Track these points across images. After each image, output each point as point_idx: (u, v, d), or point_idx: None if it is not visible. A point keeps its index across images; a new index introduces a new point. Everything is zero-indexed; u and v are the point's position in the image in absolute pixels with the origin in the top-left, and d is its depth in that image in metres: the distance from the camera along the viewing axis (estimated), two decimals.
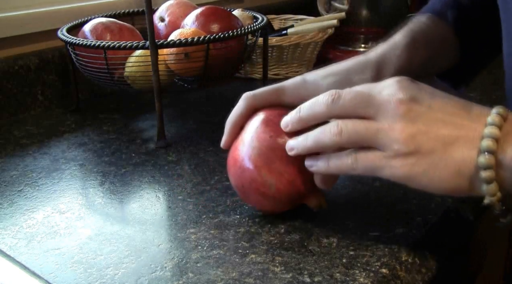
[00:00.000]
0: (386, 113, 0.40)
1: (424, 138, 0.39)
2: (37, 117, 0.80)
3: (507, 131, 0.37)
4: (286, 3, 1.25)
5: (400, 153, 0.39)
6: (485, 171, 0.37)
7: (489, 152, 0.37)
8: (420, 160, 0.39)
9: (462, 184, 0.38)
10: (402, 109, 0.39)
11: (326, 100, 0.42)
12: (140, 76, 0.70)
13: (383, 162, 0.40)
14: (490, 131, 0.37)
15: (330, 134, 0.41)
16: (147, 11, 0.63)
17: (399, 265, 0.43)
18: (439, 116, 0.39)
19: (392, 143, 0.39)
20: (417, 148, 0.39)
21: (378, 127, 0.40)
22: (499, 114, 0.38)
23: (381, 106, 0.40)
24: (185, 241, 0.47)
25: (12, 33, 0.82)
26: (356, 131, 0.40)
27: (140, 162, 0.63)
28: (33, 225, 0.51)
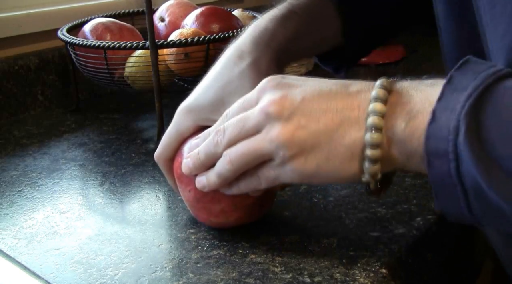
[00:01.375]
0: (263, 122, 0.39)
1: (304, 133, 0.37)
2: (37, 117, 0.80)
3: (394, 104, 0.35)
4: None
5: (287, 157, 0.38)
6: (370, 149, 0.35)
7: (375, 129, 0.35)
8: (309, 156, 0.37)
9: (359, 165, 0.37)
10: (274, 110, 0.38)
11: (214, 142, 0.42)
12: (140, 76, 0.70)
13: (278, 170, 0.39)
14: (374, 108, 0.35)
15: (225, 166, 0.41)
16: (147, 11, 0.63)
17: (399, 265, 0.43)
18: (315, 106, 0.38)
19: (276, 150, 0.38)
20: (300, 146, 0.37)
21: (258, 140, 0.39)
22: (383, 86, 0.36)
23: (256, 119, 0.39)
24: (185, 241, 0.47)
25: (12, 33, 0.82)
26: (243, 153, 0.40)
27: (140, 162, 0.63)
28: (33, 225, 0.51)
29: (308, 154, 0.37)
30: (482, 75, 0.33)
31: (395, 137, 0.35)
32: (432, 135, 0.33)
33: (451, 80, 0.34)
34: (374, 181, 0.37)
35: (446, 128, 0.32)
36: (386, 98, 0.36)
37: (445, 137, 0.32)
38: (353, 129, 0.36)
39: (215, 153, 0.42)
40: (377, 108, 0.35)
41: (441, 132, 0.33)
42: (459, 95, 0.33)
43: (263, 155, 0.39)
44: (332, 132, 0.37)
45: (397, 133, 0.35)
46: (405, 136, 0.35)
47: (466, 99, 0.32)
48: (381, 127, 0.35)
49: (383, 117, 0.35)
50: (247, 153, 0.40)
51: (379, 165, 0.36)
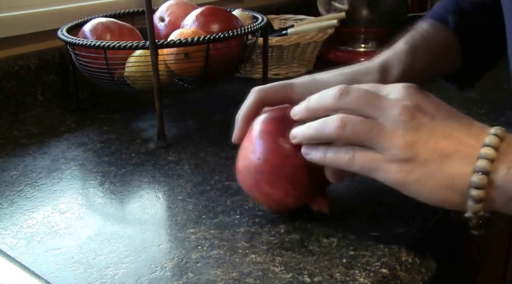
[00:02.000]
0: (390, 117, 0.40)
1: (422, 147, 0.39)
2: (37, 117, 0.80)
3: (502, 152, 0.37)
4: (286, 3, 1.25)
5: (397, 159, 0.39)
6: (476, 190, 0.37)
7: (482, 173, 0.37)
8: (416, 168, 0.39)
9: (452, 197, 0.39)
10: (406, 116, 0.40)
11: (334, 94, 0.42)
12: (140, 76, 0.70)
13: (380, 164, 0.40)
14: (486, 152, 0.37)
15: (333, 126, 0.41)
16: (147, 11, 0.63)
17: (399, 265, 0.43)
18: (441, 128, 0.40)
19: (391, 147, 0.39)
20: (414, 156, 0.39)
21: (380, 129, 0.40)
22: (497, 135, 0.38)
23: (386, 109, 0.40)
24: (185, 241, 0.47)
25: (12, 33, 0.82)
26: (359, 128, 0.41)
27: (140, 162, 0.63)
28: (33, 225, 0.51)
29: (416, 166, 0.39)
30: None
31: (496, 182, 0.37)
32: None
33: None
34: (476, 218, 0.39)
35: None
36: (498, 145, 0.38)
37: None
38: (463, 162, 0.38)
39: (328, 104, 0.42)
40: (488, 153, 0.37)
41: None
42: None
43: (377, 144, 0.40)
44: (444, 157, 0.39)
45: (498, 178, 0.37)
46: (506, 181, 0.37)
47: None
48: (488, 171, 0.37)
49: (492, 162, 0.37)
50: (365, 132, 0.40)
51: (482, 205, 0.38)
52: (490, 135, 0.38)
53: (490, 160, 0.37)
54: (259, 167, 0.46)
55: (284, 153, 0.45)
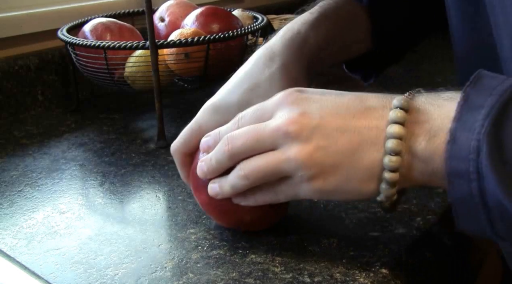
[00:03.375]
0: (280, 140, 0.38)
1: (323, 155, 0.37)
2: (37, 117, 0.80)
3: (411, 124, 0.35)
4: (286, 3, 1.25)
5: (306, 177, 0.38)
6: (390, 173, 0.36)
7: (394, 153, 0.35)
8: (328, 178, 0.37)
9: (377, 185, 0.37)
10: (293, 130, 0.38)
11: (224, 151, 0.41)
12: (140, 76, 0.70)
13: (296, 188, 0.39)
14: (393, 130, 0.35)
15: (240, 180, 0.41)
16: (147, 11, 0.63)
17: (399, 265, 0.43)
18: (334, 125, 0.37)
19: (295, 170, 0.38)
20: (319, 167, 0.37)
21: (276, 157, 0.39)
22: (401, 107, 0.36)
23: (273, 136, 0.39)
24: (185, 241, 0.47)
25: (12, 33, 0.82)
26: (259, 170, 0.39)
27: (140, 162, 0.63)
28: (33, 225, 0.51)
29: (327, 175, 0.37)
30: (497, 91, 0.33)
31: (415, 158, 0.35)
32: (452, 155, 0.33)
33: (467, 98, 0.34)
34: (389, 202, 0.38)
35: (467, 148, 0.32)
36: (404, 119, 0.35)
37: (465, 157, 0.32)
38: (372, 150, 0.36)
39: (227, 162, 0.42)
40: (396, 131, 0.35)
41: (461, 152, 0.33)
42: (476, 114, 0.33)
43: (281, 172, 0.39)
44: (351, 153, 0.37)
45: (417, 153, 0.35)
46: (425, 156, 0.35)
47: (484, 118, 0.32)
48: (400, 151, 0.35)
49: (401, 140, 0.35)
50: (264, 170, 0.39)
51: (396, 188, 0.36)
52: (393, 110, 0.36)
53: (399, 137, 0.35)
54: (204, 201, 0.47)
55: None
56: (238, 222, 0.46)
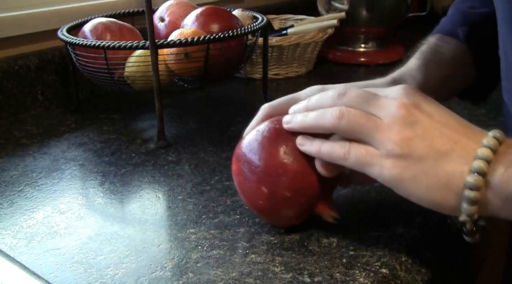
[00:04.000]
0: (387, 113, 0.40)
1: (419, 144, 0.39)
2: (37, 117, 0.80)
3: (500, 153, 0.37)
4: (286, 3, 1.25)
5: (393, 154, 0.39)
6: (470, 191, 0.37)
7: (478, 173, 0.36)
8: (411, 165, 0.38)
9: (447, 198, 0.38)
10: (403, 112, 0.39)
11: (333, 95, 0.43)
12: (140, 76, 0.70)
13: (375, 159, 0.40)
14: (483, 153, 0.37)
15: (331, 116, 0.41)
16: (147, 11, 0.63)
17: (399, 265, 0.43)
18: (438, 126, 0.39)
19: (387, 142, 0.39)
20: (410, 152, 0.38)
21: (377, 123, 0.40)
22: (495, 137, 0.38)
23: (384, 106, 0.40)
24: (185, 241, 0.47)
25: (12, 33, 0.82)
26: (356, 120, 0.40)
27: (140, 162, 0.63)
28: (33, 225, 0.51)
29: (412, 162, 0.38)
30: None
31: (493, 182, 0.36)
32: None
33: None
34: (470, 222, 0.38)
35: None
36: (496, 147, 0.37)
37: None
38: (458, 162, 0.38)
39: (326, 106, 0.42)
40: (485, 154, 0.37)
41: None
42: None
43: (373, 137, 0.40)
44: (441, 155, 0.38)
45: (495, 177, 0.36)
46: (502, 181, 0.36)
47: None
48: (485, 173, 0.36)
49: (489, 163, 0.37)
50: (361, 124, 0.40)
51: (477, 207, 0.37)
52: (489, 137, 0.38)
53: (487, 161, 0.37)
54: (260, 172, 0.45)
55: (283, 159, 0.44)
56: (277, 203, 0.44)
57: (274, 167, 0.44)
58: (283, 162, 0.44)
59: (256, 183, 0.45)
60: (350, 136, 0.41)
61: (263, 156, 0.45)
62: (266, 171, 0.44)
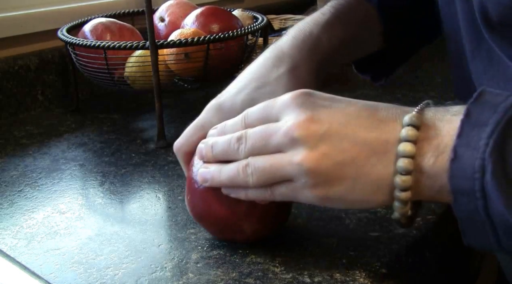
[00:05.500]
0: (287, 144, 0.37)
1: (329, 163, 0.36)
2: (37, 117, 0.80)
3: (422, 140, 0.35)
4: (286, 3, 1.25)
5: (309, 184, 0.37)
6: (400, 192, 0.35)
7: (406, 173, 0.35)
8: (333, 187, 0.37)
9: (384, 199, 0.37)
10: (301, 135, 0.36)
11: (234, 148, 0.40)
12: (140, 76, 0.70)
13: (297, 192, 0.38)
14: (404, 149, 0.35)
15: (243, 175, 0.39)
16: (147, 11, 0.63)
17: (399, 265, 0.43)
18: (343, 134, 0.36)
19: (299, 175, 0.37)
20: (324, 176, 0.36)
21: (282, 160, 0.38)
22: (412, 124, 0.35)
23: (281, 139, 0.38)
24: (185, 241, 0.47)
25: (12, 33, 0.82)
26: (264, 170, 0.38)
27: (140, 162, 0.63)
28: (33, 225, 0.50)
29: (331, 185, 0.37)
30: (501, 108, 0.33)
31: (424, 175, 0.35)
32: (456, 173, 0.33)
33: (470, 115, 0.33)
34: (405, 218, 0.37)
35: (471, 167, 0.32)
36: (416, 137, 0.35)
37: (470, 176, 0.32)
38: (380, 164, 0.36)
39: (233, 155, 0.41)
40: (407, 149, 0.34)
41: (465, 170, 0.33)
42: (480, 131, 0.32)
43: (285, 175, 0.38)
44: (358, 165, 0.36)
45: (425, 170, 0.35)
46: (433, 173, 0.34)
47: (488, 136, 0.32)
48: (411, 170, 0.35)
49: (413, 158, 0.34)
50: (269, 171, 0.38)
51: (408, 206, 0.36)
52: (405, 127, 0.35)
53: (410, 157, 0.34)
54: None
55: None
56: (233, 230, 0.45)
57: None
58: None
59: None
60: (269, 183, 0.39)
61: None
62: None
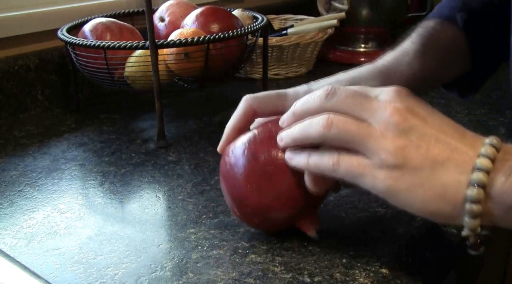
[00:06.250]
0: (380, 119, 0.37)
1: (414, 153, 0.36)
2: (37, 117, 0.80)
3: (499, 161, 0.35)
4: (286, 3, 1.25)
5: (386, 164, 0.37)
6: (471, 204, 0.35)
7: (479, 185, 0.35)
8: (406, 175, 0.36)
9: (444, 209, 0.36)
10: (397, 118, 0.37)
11: (320, 95, 0.40)
12: (140, 76, 0.70)
13: (367, 170, 0.37)
14: (482, 163, 0.35)
15: (318, 126, 0.38)
16: (147, 11, 0.63)
17: (399, 265, 0.43)
18: (433, 133, 0.37)
19: (380, 151, 0.37)
20: (405, 161, 0.36)
21: (369, 131, 0.37)
22: (492, 144, 0.36)
23: (376, 110, 0.38)
24: (185, 241, 0.47)
25: (12, 33, 0.82)
26: (346, 128, 0.38)
27: (140, 162, 0.63)
28: (33, 225, 0.51)
29: (406, 172, 0.36)
30: None
31: (494, 192, 0.35)
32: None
33: None
34: (473, 235, 0.36)
35: None
36: (494, 156, 0.35)
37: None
38: (456, 171, 0.36)
39: (313, 107, 0.40)
40: (484, 164, 0.35)
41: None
42: None
43: (365, 146, 0.37)
44: (437, 164, 0.36)
45: (496, 187, 0.35)
46: (503, 191, 0.35)
47: None
48: (485, 184, 0.35)
49: (488, 174, 0.35)
50: (352, 133, 0.37)
51: (479, 220, 0.36)
52: (486, 145, 0.36)
53: (486, 172, 0.35)
54: (240, 183, 0.43)
55: (267, 172, 0.42)
56: (267, 207, 0.43)
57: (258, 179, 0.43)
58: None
59: (243, 183, 0.43)
60: (340, 145, 0.38)
61: (247, 171, 0.43)
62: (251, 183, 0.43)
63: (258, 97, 0.46)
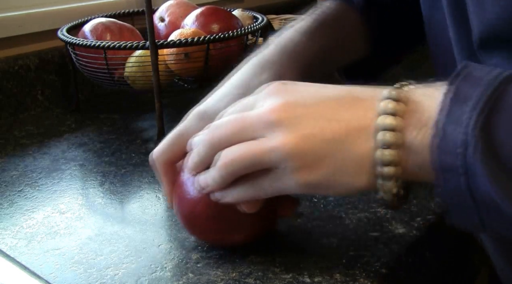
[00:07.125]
0: (263, 130, 0.36)
1: (309, 144, 0.35)
2: (37, 117, 0.80)
3: (404, 113, 0.33)
4: (286, 3, 1.25)
5: (290, 169, 0.35)
6: (382, 167, 0.34)
7: (386, 146, 0.33)
8: (314, 168, 0.35)
9: (369, 179, 0.35)
10: (277, 118, 0.36)
11: (205, 141, 0.39)
12: (140, 76, 0.70)
13: (280, 182, 0.37)
14: (383, 121, 0.33)
15: (220, 170, 0.38)
16: (147, 11, 0.63)
17: (399, 265, 0.43)
18: (321, 114, 0.35)
19: (278, 161, 0.36)
20: (305, 158, 0.35)
21: (260, 146, 0.36)
22: (391, 97, 0.34)
23: (257, 123, 0.37)
24: (185, 241, 0.47)
25: (12, 33, 0.82)
26: (240, 159, 0.37)
27: (140, 162, 0.63)
28: (33, 225, 0.51)
29: (313, 166, 0.35)
30: (484, 82, 0.32)
31: (408, 148, 0.33)
32: (439, 149, 0.32)
33: (454, 89, 0.32)
34: (391, 197, 0.35)
35: (453, 142, 0.31)
36: (395, 110, 0.34)
37: (452, 151, 0.31)
38: (360, 140, 0.35)
39: (209, 152, 0.39)
40: (387, 122, 0.33)
41: (448, 146, 0.31)
42: (463, 106, 0.31)
43: (263, 163, 0.37)
44: (337, 143, 0.35)
45: (409, 143, 0.33)
46: (416, 146, 0.33)
47: (471, 110, 0.31)
48: (392, 143, 0.33)
49: (394, 131, 0.33)
50: (245, 159, 0.37)
51: (393, 182, 0.34)
52: (384, 100, 0.34)
53: (391, 129, 0.33)
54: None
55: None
56: (222, 236, 0.44)
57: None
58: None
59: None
60: (247, 172, 0.38)
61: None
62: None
63: (163, 151, 0.46)
